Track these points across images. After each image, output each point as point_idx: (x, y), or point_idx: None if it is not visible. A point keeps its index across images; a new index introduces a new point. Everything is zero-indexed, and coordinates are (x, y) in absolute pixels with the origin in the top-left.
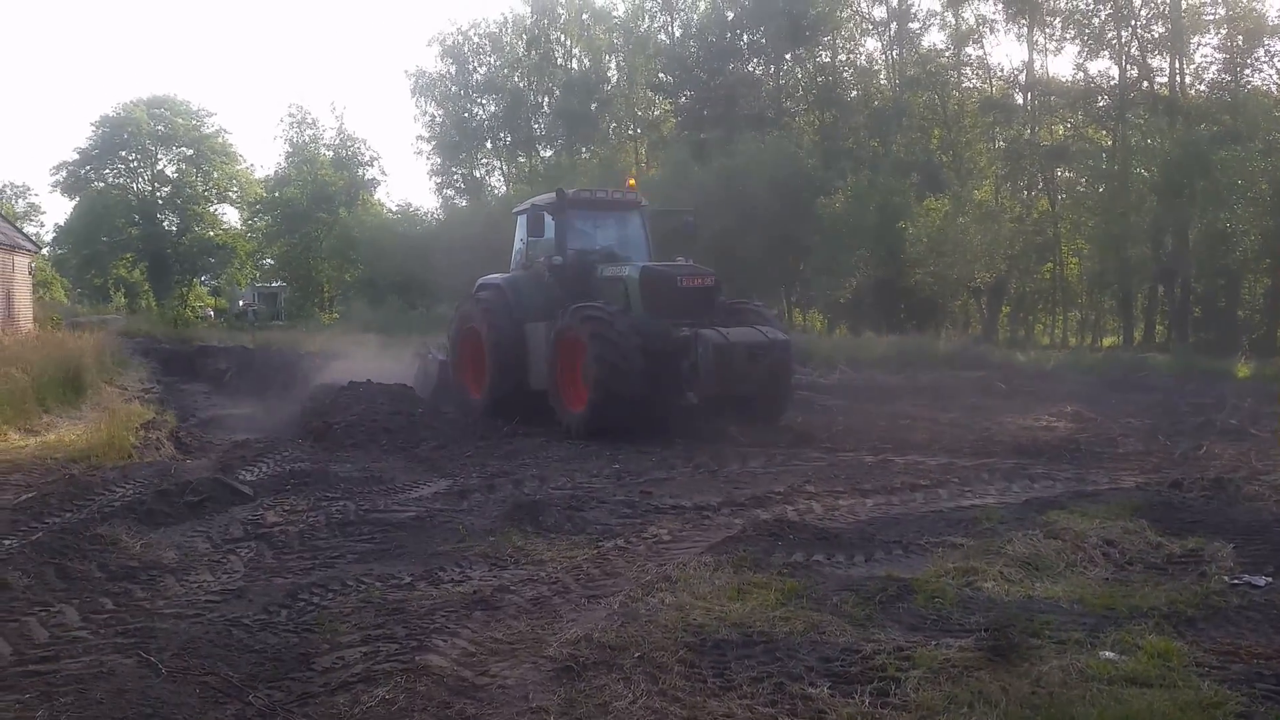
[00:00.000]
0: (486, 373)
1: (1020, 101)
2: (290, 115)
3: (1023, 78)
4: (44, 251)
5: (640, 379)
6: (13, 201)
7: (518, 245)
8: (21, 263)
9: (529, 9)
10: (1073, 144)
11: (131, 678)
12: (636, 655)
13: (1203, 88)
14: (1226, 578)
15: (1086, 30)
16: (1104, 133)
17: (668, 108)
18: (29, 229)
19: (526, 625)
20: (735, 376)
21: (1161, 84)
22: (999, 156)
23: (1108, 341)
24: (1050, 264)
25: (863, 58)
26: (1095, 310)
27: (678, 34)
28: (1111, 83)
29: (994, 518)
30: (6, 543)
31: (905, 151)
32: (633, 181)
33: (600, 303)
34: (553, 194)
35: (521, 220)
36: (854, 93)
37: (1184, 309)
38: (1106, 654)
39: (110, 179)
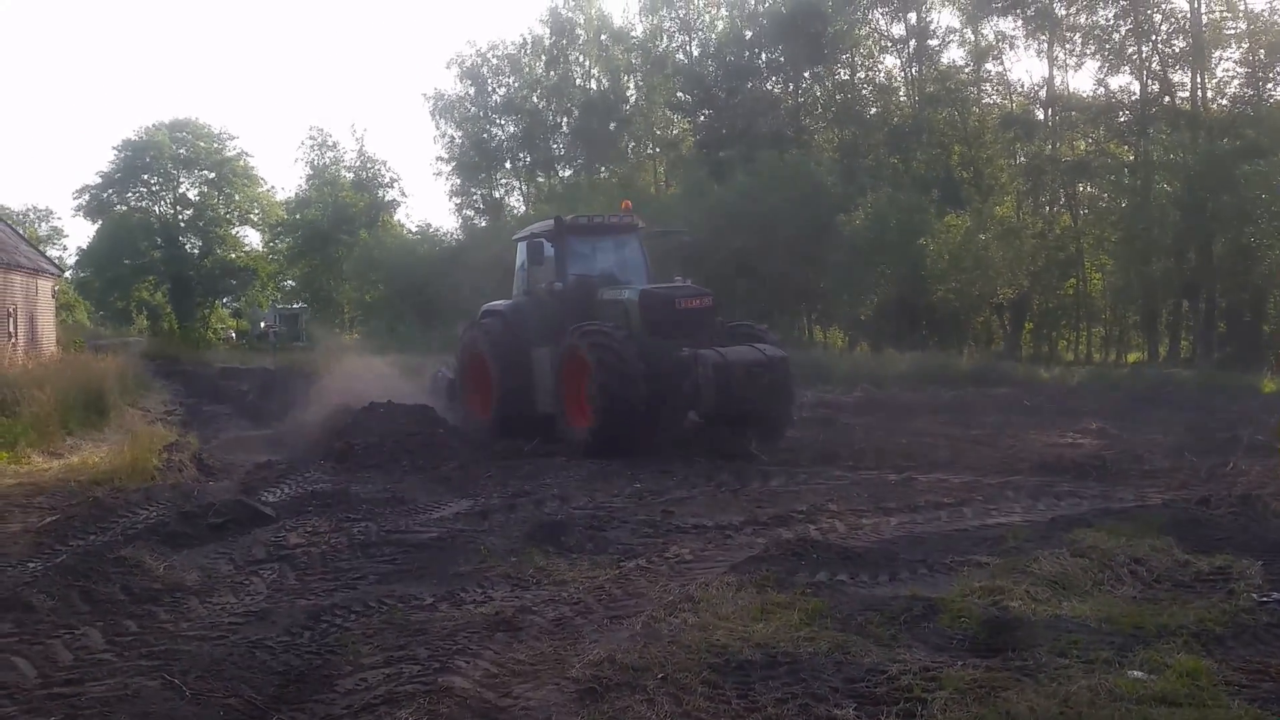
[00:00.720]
0: (493, 397)
1: (1041, 117)
2: (311, 138)
3: (1043, 93)
4: (67, 275)
5: (644, 398)
6: (36, 225)
7: (519, 272)
8: (45, 286)
9: (547, 30)
10: (1094, 159)
11: (156, 700)
12: (660, 676)
13: (1225, 102)
14: (1255, 595)
15: (1107, 45)
16: (1126, 147)
17: (686, 127)
18: (52, 252)
19: (549, 646)
20: (735, 395)
21: (1183, 98)
22: (1020, 172)
23: (1132, 357)
24: (1073, 279)
25: (882, 75)
26: (1119, 326)
27: (696, 53)
28: (1133, 97)
29: (1020, 536)
30: (31, 565)
31: (925, 168)
32: (627, 204)
33: (604, 324)
34: (551, 221)
35: (521, 247)
36: (873, 110)
37: (1209, 324)
38: (1135, 673)
39: (132, 202)
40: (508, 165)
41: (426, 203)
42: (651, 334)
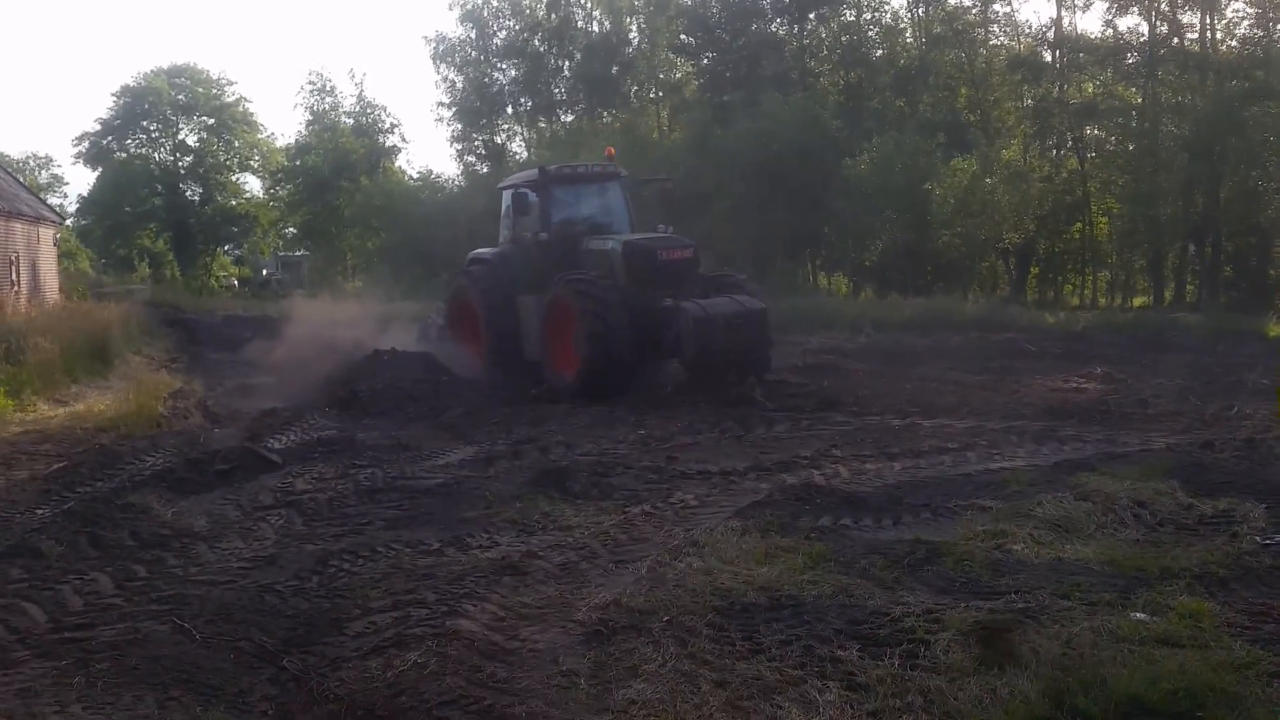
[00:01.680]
0: (483, 344)
1: (1049, 59)
2: (310, 83)
3: (1051, 35)
4: (68, 223)
5: (627, 347)
6: (36, 173)
7: (505, 220)
8: (46, 234)
9: None
10: (1102, 102)
11: (166, 643)
12: (665, 619)
13: (1234, 44)
14: (1258, 538)
15: None
16: (1134, 90)
17: (690, 70)
18: (53, 200)
19: (555, 590)
20: (715, 346)
21: (1192, 40)
22: (1027, 115)
23: (1138, 301)
24: (1079, 224)
25: (888, 16)
26: (1125, 270)
27: None
28: (1141, 39)
29: (1023, 480)
30: (39, 512)
31: (932, 111)
32: (611, 151)
33: (589, 274)
34: (535, 170)
35: (507, 196)
36: (879, 52)
37: (1215, 268)
38: (1138, 615)
39: (132, 149)
40: (509, 110)
41: (428, 149)
42: (634, 284)
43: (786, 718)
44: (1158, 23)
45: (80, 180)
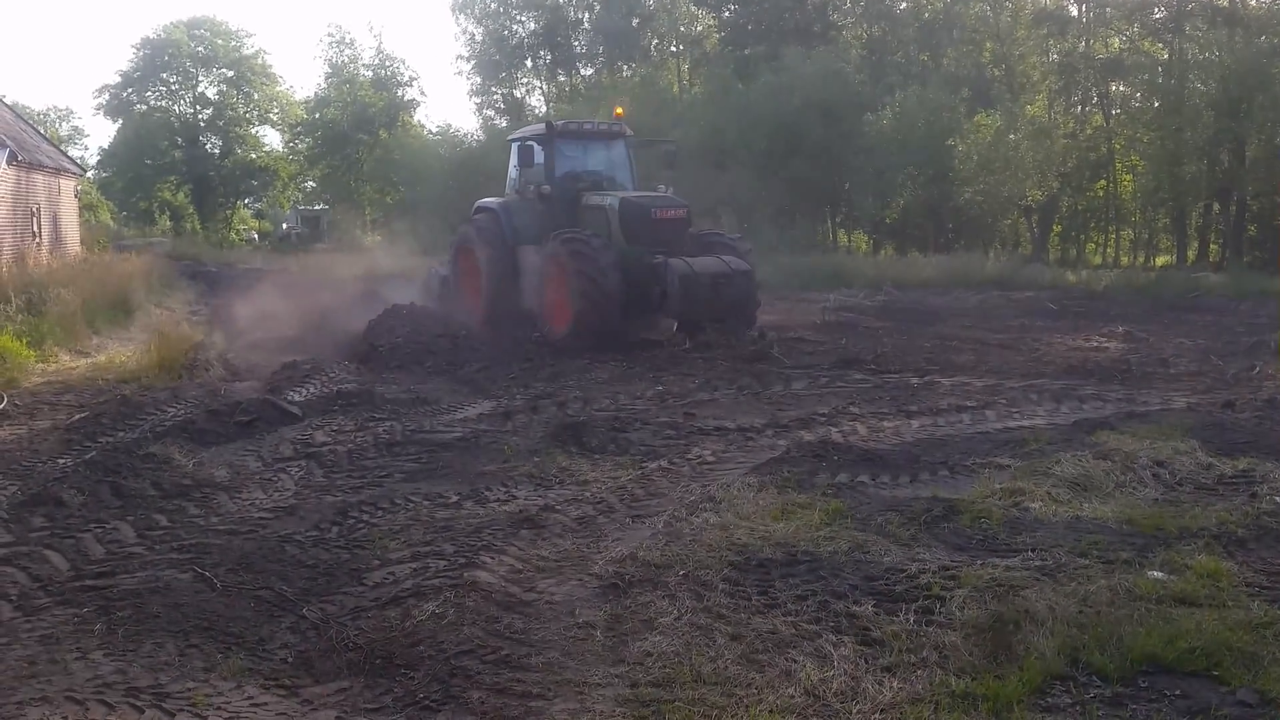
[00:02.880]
0: (482, 291)
1: (1075, 13)
2: (329, 34)
3: None
4: (89, 175)
5: (618, 303)
6: (57, 125)
7: (511, 172)
8: (67, 186)
9: None
10: (1128, 57)
11: (187, 592)
12: (681, 573)
13: None
14: (1277, 498)
15: None
16: (1160, 45)
17: (711, 23)
18: (74, 152)
19: (572, 543)
20: (700, 303)
21: None
22: (1052, 70)
23: (1160, 261)
24: (1103, 181)
25: None
26: (1148, 229)
27: None
28: None
29: (1042, 439)
30: (61, 461)
31: (956, 65)
32: (620, 111)
33: (584, 232)
34: (542, 125)
35: (514, 148)
36: (904, 4)
37: (1239, 227)
38: (1155, 574)
39: (152, 101)
40: (528, 64)
41: (446, 103)
42: (628, 240)
43: (801, 671)
44: None
45: (101, 132)
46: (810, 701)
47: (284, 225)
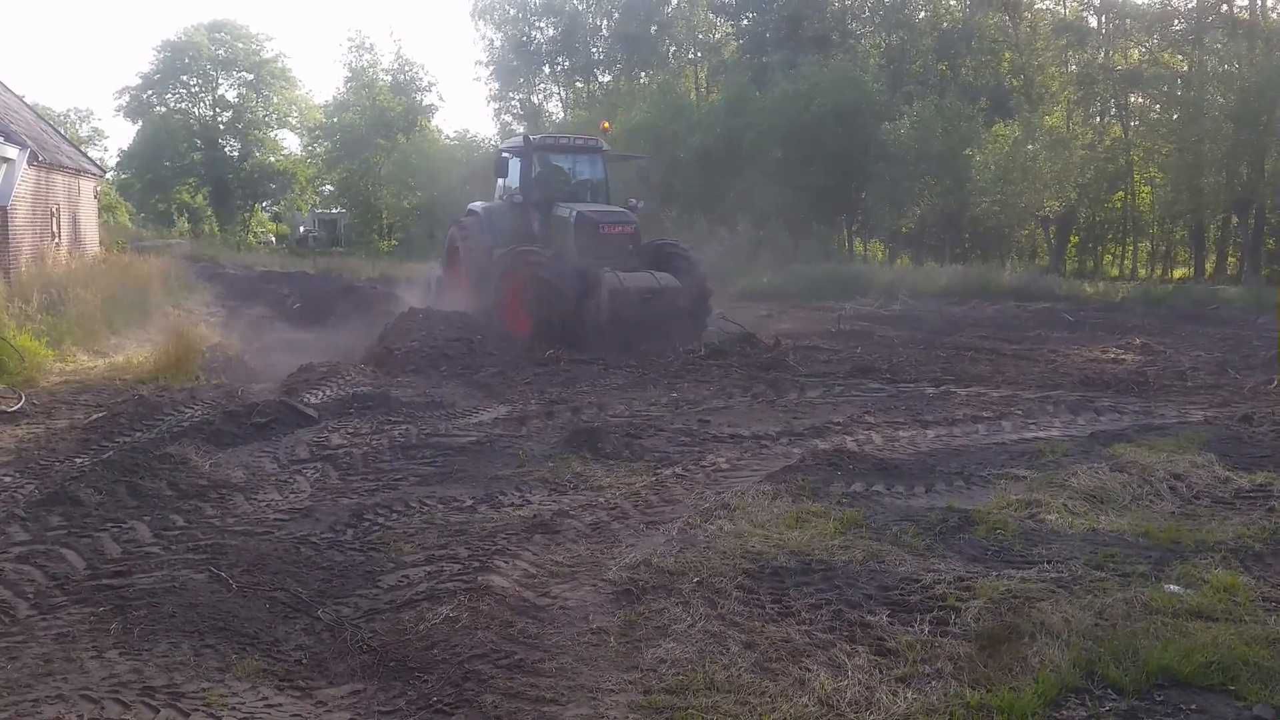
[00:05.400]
0: (464, 290)
1: (1094, 24)
2: (350, 39)
3: (1097, 0)
4: (108, 176)
5: (567, 313)
6: (77, 126)
7: (499, 179)
8: (87, 187)
9: None
10: (1147, 69)
11: (203, 592)
12: (695, 580)
13: None
14: None
15: None
16: (1180, 57)
17: (729, 30)
18: (93, 153)
19: (586, 549)
20: (627, 316)
21: (1241, 7)
22: (1071, 81)
23: (1178, 273)
24: (1121, 193)
25: None
26: (1166, 241)
27: None
28: (1189, 5)
29: (1058, 450)
30: (78, 460)
31: (974, 75)
32: (605, 125)
33: (537, 246)
34: (521, 139)
35: (497, 159)
36: (922, 14)
37: (1257, 240)
38: (1171, 587)
39: (172, 103)
40: (546, 70)
41: (464, 109)
42: (580, 253)
43: (815, 680)
44: None
45: (121, 134)
46: (824, 711)
47: (301, 228)
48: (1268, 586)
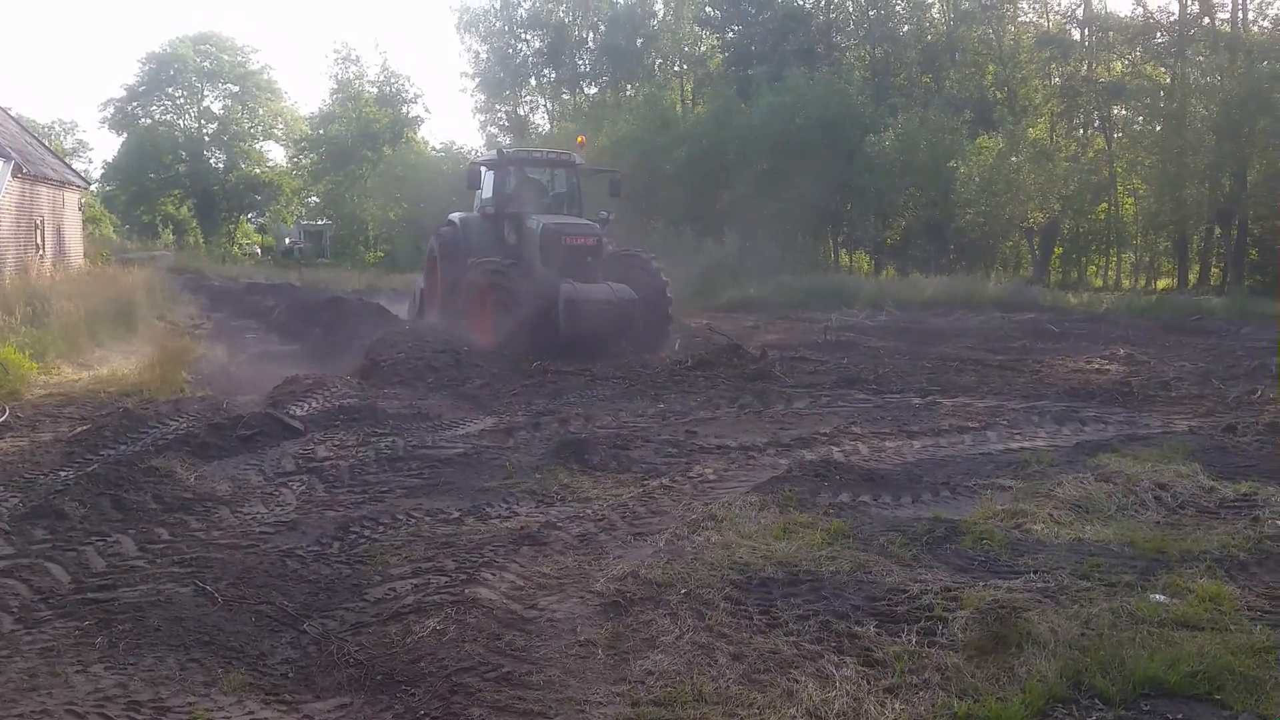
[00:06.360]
0: (439, 300)
1: (1077, 37)
2: (335, 51)
3: (1080, 12)
4: (93, 188)
5: (530, 323)
6: (61, 138)
7: (477, 191)
8: (71, 199)
9: None
10: (1130, 81)
11: (188, 606)
12: (683, 592)
13: (1265, 24)
14: (1279, 522)
15: None
16: (1162, 70)
17: (714, 43)
18: (78, 165)
19: (574, 561)
20: (583, 325)
21: (1223, 20)
22: (1054, 93)
23: (1162, 284)
24: (1105, 204)
25: None
26: (1150, 252)
27: None
28: (1171, 18)
29: (1044, 460)
30: (63, 474)
31: (958, 88)
32: (581, 139)
33: (505, 257)
34: (494, 152)
35: (471, 171)
36: (906, 27)
37: (1240, 251)
38: (1157, 597)
39: (157, 115)
40: (533, 82)
41: (450, 121)
42: (545, 263)
43: (803, 692)
44: (1188, 2)
45: (106, 146)
46: None
47: (286, 240)
48: (1253, 596)
